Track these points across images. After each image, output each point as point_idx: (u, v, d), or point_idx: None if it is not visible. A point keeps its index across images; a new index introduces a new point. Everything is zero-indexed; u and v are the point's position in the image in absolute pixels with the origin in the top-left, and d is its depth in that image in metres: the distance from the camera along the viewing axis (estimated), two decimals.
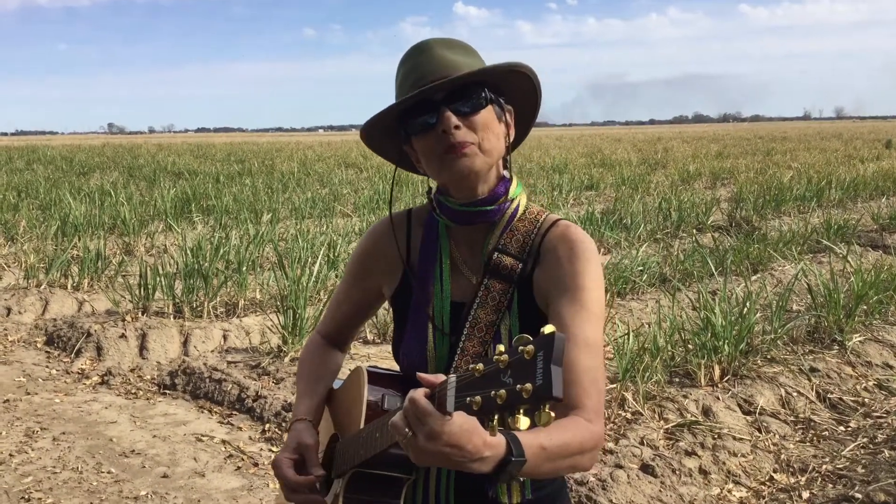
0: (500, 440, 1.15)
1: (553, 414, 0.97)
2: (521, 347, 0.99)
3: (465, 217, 1.47)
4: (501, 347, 1.02)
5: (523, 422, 0.97)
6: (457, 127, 1.38)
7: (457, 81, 1.38)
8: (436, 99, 1.39)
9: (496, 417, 1.00)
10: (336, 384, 1.69)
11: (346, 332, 1.76)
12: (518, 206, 1.49)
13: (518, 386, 0.97)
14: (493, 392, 1.00)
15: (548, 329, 0.99)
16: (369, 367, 1.54)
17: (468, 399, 1.03)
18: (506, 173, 1.49)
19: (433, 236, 1.53)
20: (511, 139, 1.49)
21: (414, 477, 1.44)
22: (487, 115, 1.41)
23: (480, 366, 1.04)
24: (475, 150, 1.40)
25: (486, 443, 1.12)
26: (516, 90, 1.48)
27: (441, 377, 1.12)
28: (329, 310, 1.76)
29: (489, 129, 1.41)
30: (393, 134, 1.50)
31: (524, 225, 1.48)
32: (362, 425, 1.44)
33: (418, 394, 1.12)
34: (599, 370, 1.37)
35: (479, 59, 1.47)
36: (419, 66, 1.42)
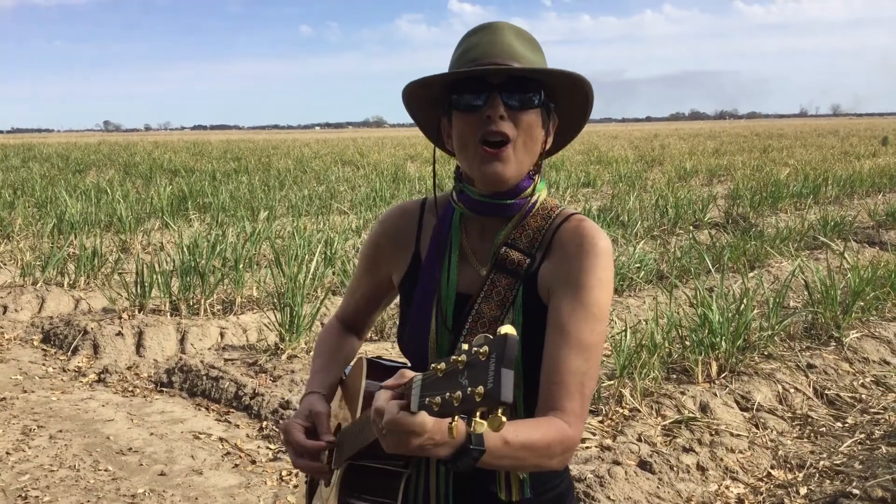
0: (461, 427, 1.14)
1: (505, 419, 0.95)
2: (475, 348, 0.97)
3: (483, 207, 1.45)
4: (465, 346, 1.00)
5: (480, 425, 0.95)
6: (501, 117, 1.35)
7: (518, 73, 1.36)
8: (491, 82, 1.36)
9: (456, 419, 0.99)
10: (347, 370, 1.69)
11: (362, 319, 1.74)
12: (537, 201, 1.47)
13: (470, 389, 0.96)
14: (449, 393, 0.99)
15: (503, 329, 0.96)
16: (372, 357, 1.53)
17: (428, 400, 1.03)
18: (531, 174, 1.46)
19: (446, 224, 1.51)
20: (547, 147, 1.46)
21: (410, 471, 1.43)
22: (534, 116, 1.39)
23: (442, 365, 1.02)
24: (510, 153, 1.37)
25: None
26: (568, 102, 1.46)
27: (408, 376, 1.12)
28: (346, 295, 1.75)
29: (531, 131, 1.39)
30: (435, 105, 1.47)
31: (536, 220, 1.46)
32: (358, 416, 1.44)
33: (383, 400, 1.12)
34: (590, 374, 1.33)
35: (544, 58, 1.45)
36: (485, 44, 1.39)
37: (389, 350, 5.71)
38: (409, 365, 1.52)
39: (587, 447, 4.12)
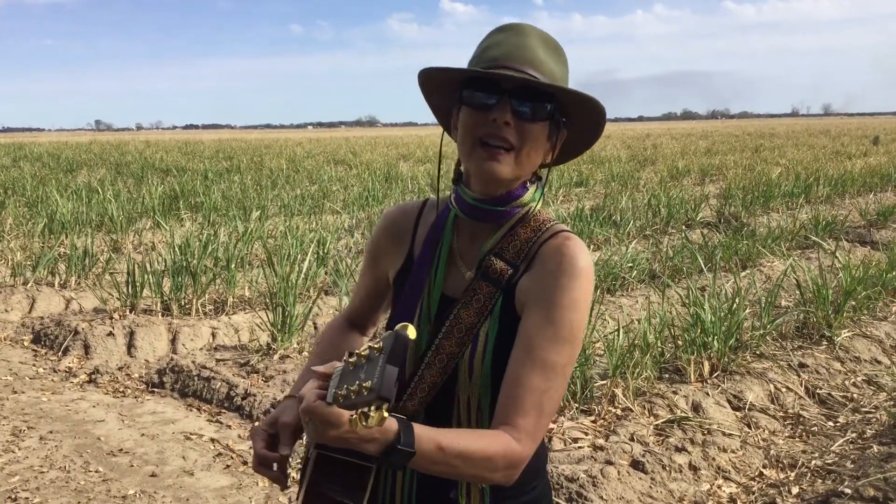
0: (391, 425, 1.15)
1: (385, 415, 0.96)
2: (372, 343, 0.99)
3: (475, 212, 1.44)
4: (370, 342, 1.02)
5: (371, 419, 0.96)
6: (507, 123, 1.34)
7: (531, 85, 1.35)
8: (504, 86, 1.35)
9: (357, 412, 1.00)
10: None
11: (366, 316, 1.75)
12: (529, 211, 1.45)
13: (360, 383, 0.97)
14: (348, 386, 1.00)
15: (399, 326, 0.97)
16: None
17: (335, 392, 1.04)
18: (528, 182, 1.45)
19: (441, 224, 1.51)
20: (551, 159, 1.46)
21: (374, 466, 1.42)
22: (541, 128, 1.38)
23: (353, 358, 1.04)
24: (509, 158, 1.36)
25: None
26: (579, 121, 1.44)
27: (336, 366, 1.15)
28: (352, 293, 1.77)
29: (535, 142, 1.38)
30: (448, 93, 1.46)
31: (526, 232, 1.44)
32: None
33: (306, 388, 1.15)
34: (549, 394, 1.32)
35: (566, 70, 1.43)
36: (507, 44, 1.38)
37: None
38: None
39: (580, 447, 4.12)
